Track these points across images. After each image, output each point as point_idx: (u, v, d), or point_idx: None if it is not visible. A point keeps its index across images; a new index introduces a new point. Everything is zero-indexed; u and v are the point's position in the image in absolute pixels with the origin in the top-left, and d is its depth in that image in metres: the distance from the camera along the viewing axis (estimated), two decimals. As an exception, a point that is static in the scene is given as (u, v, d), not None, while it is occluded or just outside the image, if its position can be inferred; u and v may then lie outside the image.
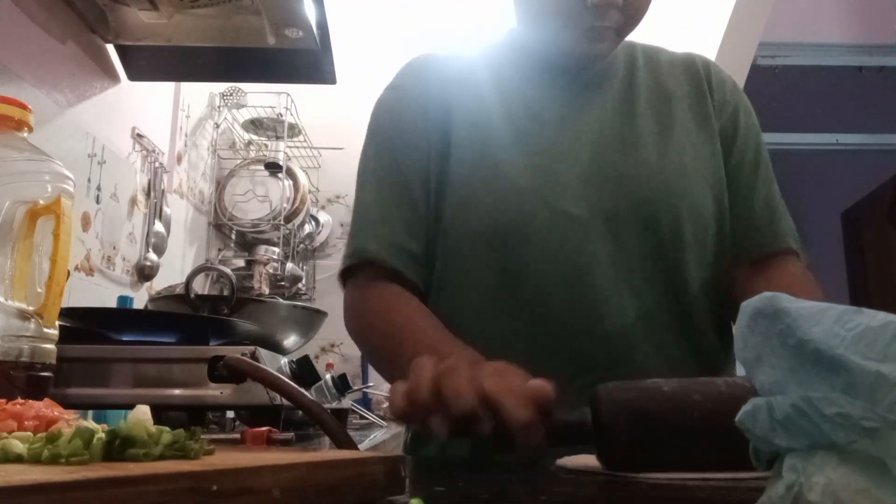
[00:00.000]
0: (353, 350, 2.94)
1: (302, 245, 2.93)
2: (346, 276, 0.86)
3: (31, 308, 0.63)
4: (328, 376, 1.19)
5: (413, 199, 0.85)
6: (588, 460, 0.58)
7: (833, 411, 0.28)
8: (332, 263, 3.06)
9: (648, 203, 0.82)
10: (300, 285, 2.81)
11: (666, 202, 0.82)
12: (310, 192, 2.89)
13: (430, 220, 0.85)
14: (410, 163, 0.87)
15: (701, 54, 0.98)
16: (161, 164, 2.16)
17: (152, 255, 2.09)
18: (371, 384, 2.74)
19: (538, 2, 0.84)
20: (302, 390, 0.62)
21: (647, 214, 0.81)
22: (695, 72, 0.92)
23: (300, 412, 0.63)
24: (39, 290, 0.65)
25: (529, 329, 0.81)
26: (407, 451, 0.90)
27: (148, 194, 2.11)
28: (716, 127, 0.89)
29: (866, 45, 3.30)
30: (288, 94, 2.77)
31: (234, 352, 0.84)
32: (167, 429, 0.37)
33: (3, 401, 0.44)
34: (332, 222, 3.08)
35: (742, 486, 0.47)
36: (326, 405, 1.09)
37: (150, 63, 1.93)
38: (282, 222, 2.69)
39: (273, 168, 2.79)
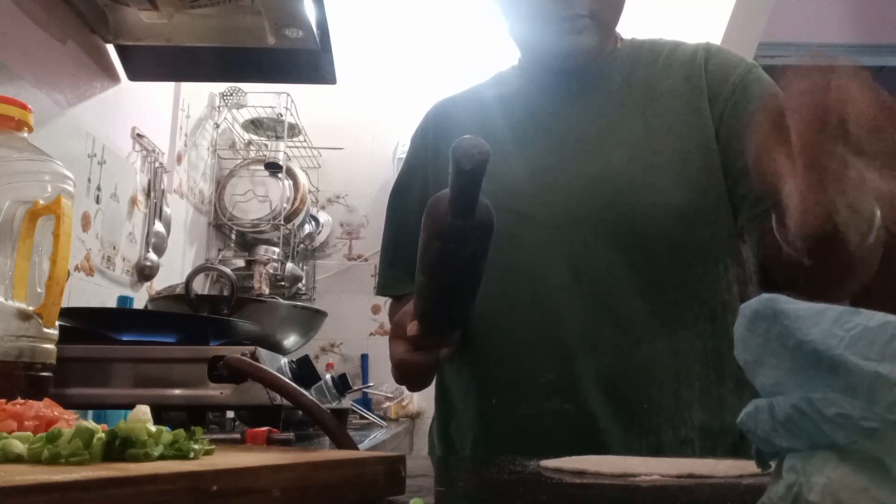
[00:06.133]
0: (353, 350, 2.94)
1: (302, 245, 2.93)
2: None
3: (31, 308, 0.63)
4: (328, 376, 1.19)
5: (410, 239, 0.99)
6: (575, 463, 0.58)
7: (833, 412, 0.28)
8: (332, 263, 3.06)
9: (612, 206, 0.82)
10: (300, 285, 2.81)
11: (628, 204, 0.82)
12: (310, 192, 2.89)
13: None
14: (409, 205, 0.99)
15: (710, 43, 0.93)
16: (161, 164, 2.16)
17: (152, 255, 2.09)
18: (371, 384, 2.74)
19: (517, 6, 0.87)
20: (302, 390, 0.62)
21: (611, 217, 0.82)
22: (694, 67, 0.89)
23: (300, 412, 0.63)
24: (39, 290, 0.65)
25: (494, 340, 0.86)
26: (438, 440, 0.97)
27: (148, 194, 2.11)
28: (711, 122, 0.85)
29: (866, 45, 3.30)
30: (288, 94, 2.77)
31: (234, 352, 0.84)
32: (167, 429, 0.37)
33: (3, 401, 0.44)
34: (332, 222, 3.08)
35: (742, 485, 0.47)
36: (326, 405, 1.09)
37: (150, 63, 1.93)
38: (282, 222, 2.69)
39: (273, 168, 2.78)
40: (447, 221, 0.56)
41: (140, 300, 1.97)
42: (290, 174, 2.82)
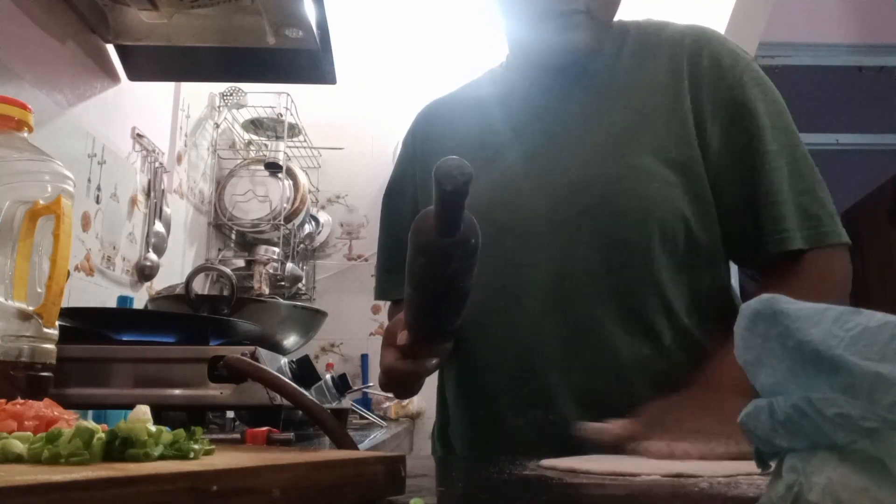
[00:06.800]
0: (353, 350, 2.94)
1: (302, 245, 2.93)
2: None
3: (31, 308, 0.63)
4: (328, 376, 1.19)
5: (403, 241, 0.99)
6: (574, 463, 0.58)
7: (833, 412, 0.28)
8: (332, 263, 3.06)
9: (590, 211, 0.80)
10: (300, 285, 2.81)
11: (610, 207, 0.79)
12: (310, 192, 2.89)
13: None
14: (402, 208, 1.00)
15: (702, 29, 0.89)
16: (161, 164, 2.16)
17: (152, 255, 2.09)
18: (371, 384, 2.74)
19: (514, 2, 0.85)
20: (302, 390, 0.62)
21: (589, 224, 0.80)
22: (678, 55, 0.85)
23: (300, 412, 0.63)
24: (39, 290, 0.65)
25: (477, 350, 0.85)
26: (437, 441, 0.98)
27: (148, 194, 2.11)
28: (690, 119, 0.82)
29: (866, 45, 3.30)
30: (288, 94, 2.77)
31: (234, 352, 0.84)
32: (167, 429, 0.37)
33: (3, 401, 0.44)
34: (332, 222, 3.08)
35: (742, 484, 0.47)
36: (326, 405, 1.09)
37: (150, 63, 1.93)
38: (282, 222, 2.69)
39: (273, 168, 2.79)
40: (431, 238, 0.58)
41: (140, 300, 1.97)
42: (290, 174, 2.82)
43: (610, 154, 0.82)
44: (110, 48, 1.86)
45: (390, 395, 2.71)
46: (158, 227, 2.13)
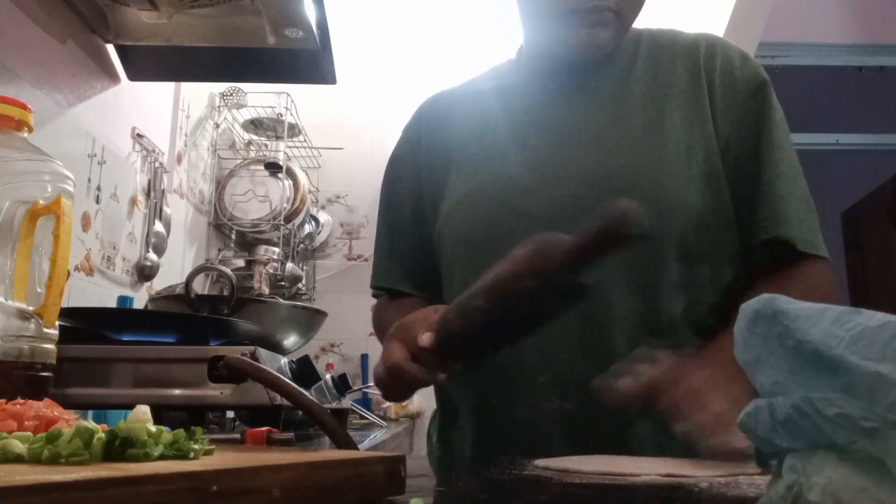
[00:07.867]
0: (353, 350, 2.94)
1: (302, 245, 2.93)
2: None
3: (31, 308, 0.63)
4: (328, 376, 1.19)
5: (404, 233, 1.00)
6: (573, 462, 0.58)
7: (833, 412, 0.28)
8: (332, 263, 3.06)
9: (612, 201, 0.81)
10: (300, 285, 2.81)
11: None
12: (310, 192, 2.89)
13: (422, 241, 0.97)
14: (402, 197, 0.99)
15: (713, 36, 0.92)
16: (161, 164, 2.16)
17: (152, 255, 2.09)
18: (371, 384, 2.74)
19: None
20: (302, 390, 0.62)
21: None
22: (695, 59, 0.88)
23: (300, 412, 0.63)
24: (39, 290, 0.65)
25: None
26: (438, 440, 0.96)
27: (148, 194, 2.11)
28: (710, 119, 0.85)
29: (866, 45, 3.30)
30: (288, 94, 2.77)
31: (234, 352, 0.84)
32: (167, 429, 0.37)
33: (3, 401, 0.44)
34: (332, 222, 3.08)
35: (742, 484, 0.47)
36: (326, 405, 1.09)
37: (150, 63, 1.93)
38: (282, 222, 2.69)
39: (273, 168, 2.78)
40: (556, 268, 0.53)
41: (140, 300, 1.97)
42: (290, 174, 2.82)
43: (632, 146, 0.83)
44: (110, 48, 1.86)
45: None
46: (158, 227, 2.13)
